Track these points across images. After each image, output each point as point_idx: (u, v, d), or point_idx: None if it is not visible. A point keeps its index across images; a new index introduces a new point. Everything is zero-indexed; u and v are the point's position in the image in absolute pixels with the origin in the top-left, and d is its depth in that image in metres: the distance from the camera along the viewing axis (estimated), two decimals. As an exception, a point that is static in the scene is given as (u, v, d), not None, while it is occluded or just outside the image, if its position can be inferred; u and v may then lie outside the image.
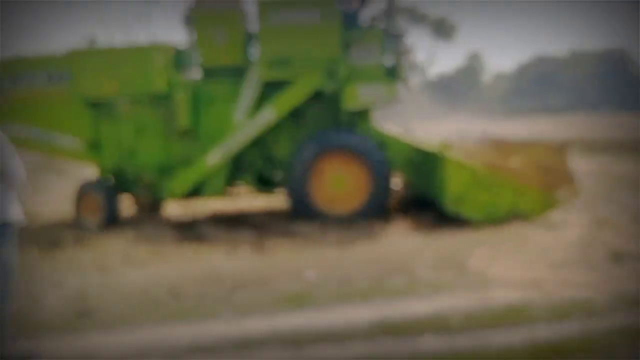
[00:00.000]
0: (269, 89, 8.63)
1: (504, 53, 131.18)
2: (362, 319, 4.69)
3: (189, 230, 8.52)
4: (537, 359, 3.98)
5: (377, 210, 8.41)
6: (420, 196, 9.19)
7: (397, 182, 9.29)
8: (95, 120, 9.06)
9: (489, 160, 8.13)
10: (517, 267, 5.83)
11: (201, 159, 8.70)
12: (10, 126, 8.75)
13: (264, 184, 9.31)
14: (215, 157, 8.65)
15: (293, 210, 8.68)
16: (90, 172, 10.14)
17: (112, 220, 8.82)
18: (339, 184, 8.58)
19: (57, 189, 12.25)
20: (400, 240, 7.20)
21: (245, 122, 8.66)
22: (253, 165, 9.07)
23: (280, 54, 8.38)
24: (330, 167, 8.54)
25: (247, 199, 10.02)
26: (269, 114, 8.59)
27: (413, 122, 9.20)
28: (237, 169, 9.05)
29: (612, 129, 20.75)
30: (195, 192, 8.95)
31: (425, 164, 8.73)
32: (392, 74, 8.73)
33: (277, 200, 9.67)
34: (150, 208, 9.78)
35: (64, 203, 10.22)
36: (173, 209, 10.29)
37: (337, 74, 8.33)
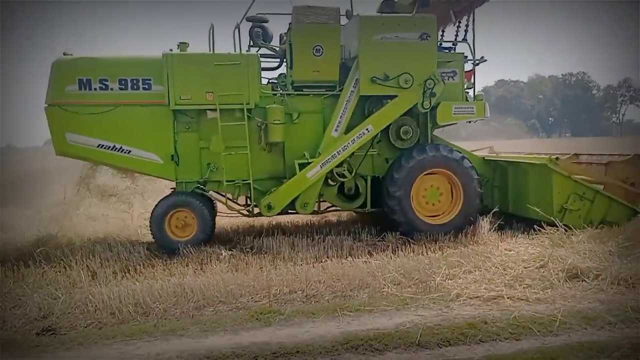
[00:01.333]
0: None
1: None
2: (328, 335, 4.78)
3: (160, 247, 8.45)
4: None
5: (470, 220, 8.80)
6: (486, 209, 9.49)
7: None
8: (178, 132, 8.53)
9: (583, 173, 8.87)
10: (478, 284, 6.00)
11: (302, 173, 8.56)
12: (77, 136, 8.13)
13: (345, 199, 9.33)
14: (315, 172, 8.59)
15: (394, 226, 8.79)
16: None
17: (207, 238, 8.38)
18: (434, 197, 8.98)
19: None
20: (366, 257, 7.32)
21: (342, 137, 8.72)
22: (335, 181, 8.94)
23: (381, 71, 8.59)
24: (426, 182, 8.93)
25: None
26: (368, 130, 8.75)
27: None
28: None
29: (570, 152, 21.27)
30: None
31: (515, 176, 9.36)
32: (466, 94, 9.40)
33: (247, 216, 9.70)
34: None
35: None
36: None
37: (434, 92, 8.68)
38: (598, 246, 7.04)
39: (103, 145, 8.23)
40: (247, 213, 9.03)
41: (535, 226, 8.32)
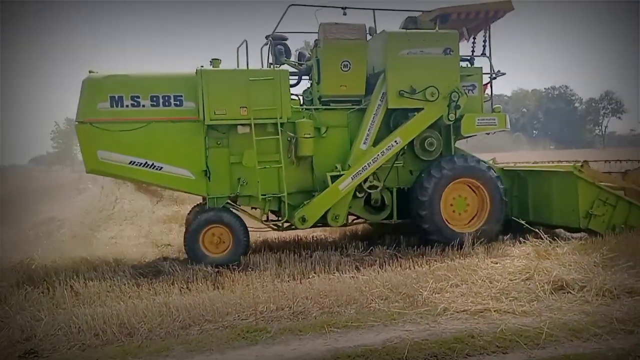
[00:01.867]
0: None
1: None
2: (315, 352, 4.74)
3: (146, 266, 8.38)
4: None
5: (496, 227, 9.02)
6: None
7: None
8: (209, 147, 8.51)
9: (604, 180, 9.21)
10: (465, 297, 6.01)
11: (334, 185, 8.64)
12: (109, 153, 8.08)
13: (372, 211, 9.38)
14: (346, 184, 8.68)
15: (426, 235, 8.92)
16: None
17: (241, 255, 8.34)
18: (461, 205, 9.21)
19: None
20: (353, 272, 7.30)
21: (371, 150, 8.85)
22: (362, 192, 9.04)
23: (407, 84, 8.80)
24: (454, 191, 9.14)
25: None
26: (397, 142, 8.90)
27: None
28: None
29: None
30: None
31: (537, 185, 9.55)
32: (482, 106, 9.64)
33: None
34: None
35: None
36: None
37: (458, 104, 8.89)
38: (583, 258, 7.10)
39: (135, 162, 8.22)
40: (276, 227, 9.12)
41: (520, 238, 8.39)
